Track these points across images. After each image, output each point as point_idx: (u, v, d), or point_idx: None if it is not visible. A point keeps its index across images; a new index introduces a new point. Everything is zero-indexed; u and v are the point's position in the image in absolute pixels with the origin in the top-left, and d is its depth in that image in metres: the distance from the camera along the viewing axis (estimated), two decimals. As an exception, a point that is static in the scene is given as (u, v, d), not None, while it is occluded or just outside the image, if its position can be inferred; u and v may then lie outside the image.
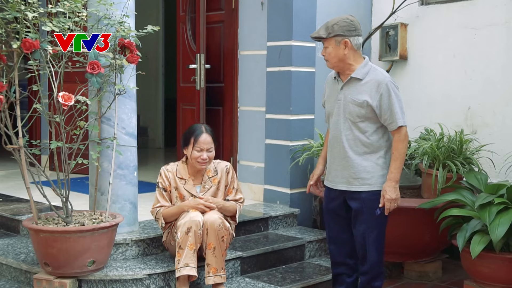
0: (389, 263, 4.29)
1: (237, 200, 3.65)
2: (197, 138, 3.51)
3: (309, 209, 4.84)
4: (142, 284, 3.42)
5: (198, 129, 3.56)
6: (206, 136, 3.53)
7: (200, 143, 3.50)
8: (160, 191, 3.57)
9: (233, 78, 5.11)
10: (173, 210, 3.50)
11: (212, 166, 3.65)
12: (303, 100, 4.76)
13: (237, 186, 3.69)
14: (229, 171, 3.66)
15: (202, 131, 3.54)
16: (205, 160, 3.51)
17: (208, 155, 3.53)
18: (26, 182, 3.29)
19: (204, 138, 3.52)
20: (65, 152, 3.29)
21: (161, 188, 3.57)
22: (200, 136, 3.52)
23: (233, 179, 3.66)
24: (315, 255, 4.33)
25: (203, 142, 3.51)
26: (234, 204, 3.62)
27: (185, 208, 3.45)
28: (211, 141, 3.55)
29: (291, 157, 4.69)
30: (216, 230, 3.35)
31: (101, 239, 3.30)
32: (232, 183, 3.65)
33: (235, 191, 3.66)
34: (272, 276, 3.87)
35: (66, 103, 3.07)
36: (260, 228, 4.42)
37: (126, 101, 3.68)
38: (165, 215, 3.50)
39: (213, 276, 3.39)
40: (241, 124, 5.09)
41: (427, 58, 4.86)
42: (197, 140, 3.51)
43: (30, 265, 3.50)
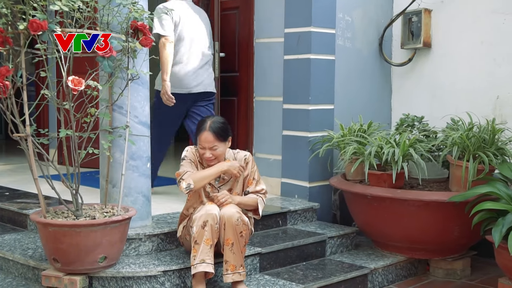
0: (415, 260, 4.09)
1: (258, 191, 3.44)
2: (198, 136, 3.32)
3: (329, 204, 4.63)
4: (157, 281, 3.22)
5: (201, 126, 3.33)
6: (207, 135, 3.28)
7: (201, 142, 3.29)
8: (187, 161, 3.33)
9: (248, 67, 4.90)
10: (208, 172, 3.25)
11: (231, 156, 3.43)
12: (323, 89, 4.55)
13: (257, 176, 3.47)
14: (248, 161, 3.44)
15: (204, 128, 3.29)
16: (209, 158, 3.29)
17: (213, 153, 3.29)
18: (33, 173, 3.09)
19: (205, 137, 3.28)
20: (74, 141, 3.09)
21: (189, 159, 3.34)
22: (201, 134, 3.30)
23: (253, 169, 3.44)
24: (336, 251, 4.11)
25: (203, 141, 3.29)
26: (254, 198, 3.40)
27: (223, 170, 3.26)
28: (213, 140, 3.28)
29: (310, 149, 4.48)
30: (234, 225, 3.15)
31: (113, 234, 3.11)
32: (252, 173, 3.44)
33: (255, 182, 3.44)
34: (292, 273, 3.66)
35: (76, 87, 2.87)
36: (278, 223, 4.21)
37: (139, 88, 3.48)
38: (196, 176, 3.23)
39: (231, 274, 3.18)
40: (257, 115, 4.89)
41: (453, 45, 4.63)
42: (199, 138, 3.31)
43: (38, 261, 3.31)
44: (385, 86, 5.05)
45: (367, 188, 3.96)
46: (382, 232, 4.05)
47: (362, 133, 4.31)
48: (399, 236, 3.96)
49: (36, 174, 3.08)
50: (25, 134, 3.02)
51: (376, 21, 4.92)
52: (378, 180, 3.93)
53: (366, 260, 3.95)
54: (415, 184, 4.14)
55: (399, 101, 5.03)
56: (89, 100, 3.14)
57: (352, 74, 4.79)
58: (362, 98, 4.87)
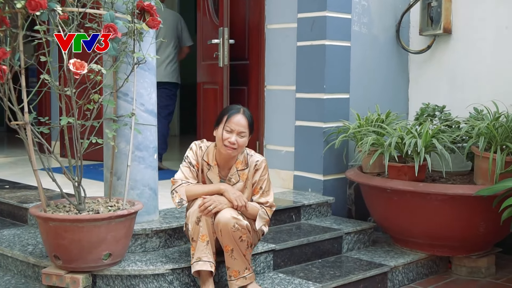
0: (436, 257, 3.87)
1: (262, 203, 3.08)
2: (230, 117, 3.03)
3: (344, 198, 4.41)
4: (165, 280, 3.01)
5: (235, 108, 3.09)
6: (241, 118, 3.04)
7: (232, 123, 3.03)
8: (187, 165, 3.09)
9: (259, 54, 4.68)
10: (202, 189, 3.01)
11: (244, 158, 3.14)
12: (338, 78, 4.32)
13: (266, 187, 3.10)
14: (258, 168, 3.12)
15: (238, 111, 3.06)
16: (233, 144, 3.02)
17: (238, 140, 3.03)
18: (33, 164, 2.88)
19: (238, 119, 3.04)
20: (76, 130, 2.88)
21: (189, 162, 3.10)
22: (234, 116, 3.04)
23: (262, 178, 3.10)
24: (353, 248, 3.90)
25: (235, 123, 3.03)
26: (255, 207, 3.06)
27: (221, 191, 2.99)
28: (246, 125, 3.04)
29: (325, 140, 4.26)
30: (231, 232, 2.89)
31: (118, 229, 2.90)
32: (261, 182, 3.10)
33: (261, 192, 3.09)
34: (308, 271, 3.44)
35: (78, 71, 2.65)
36: (291, 218, 4.00)
37: (145, 74, 3.27)
38: (189, 192, 3.01)
39: (235, 280, 2.96)
40: (268, 104, 4.66)
41: (475, 31, 4.40)
42: (230, 119, 3.03)
43: (38, 258, 3.11)
44: (402, 75, 4.82)
45: (386, 181, 3.73)
46: (401, 228, 3.83)
47: (380, 123, 4.08)
48: (420, 232, 3.74)
49: (35, 165, 2.87)
50: (24, 122, 2.81)
51: (393, 6, 4.69)
52: (399, 172, 3.71)
53: (385, 258, 3.73)
54: (436, 177, 3.91)
55: (416, 90, 4.80)
56: (92, 86, 2.93)
57: (368, 62, 4.56)
58: (378, 87, 4.64)
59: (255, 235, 3.11)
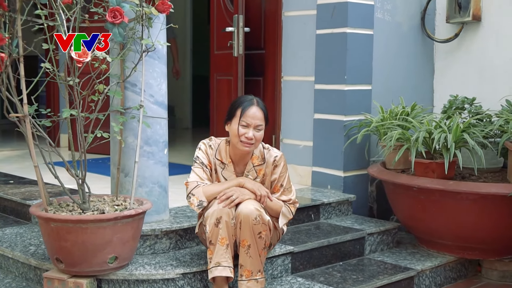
0: (465, 260, 3.62)
1: (284, 201, 2.90)
2: (245, 110, 2.80)
3: (365, 195, 4.16)
4: (175, 285, 2.79)
5: (247, 100, 2.85)
6: (256, 110, 2.81)
7: (247, 117, 2.79)
8: (199, 166, 2.86)
9: (276, 43, 4.43)
10: (221, 187, 2.79)
11: (260, 152, 2.92)
12: (360, 68, 4.07)
13: (287, 184, 2.92)
14: (277, 164, 2.91)
15: (252, 103, 2.82)
16: (250, 140, 2.79)
17: (255, 135, 2.80)
18: (33, 159, 2.67)
19: (254, 112, 2.80)
20: (80, 123, 2.66)
21: (201, 162, 2.87)
22: (249, 109, 2.80)
23: (282, 174, 2.90)
24: (376, 249, 3.66)
25: (251, 117, 2.79)
26: (279, 204, 2.88)
27: (241, 184, 2.79)
28: (262, 118, 2.82)
29: (345, 135, 4.01)
30: (251, 224, 2.68)
31: (125, 230, 2.68)
32: (281, 179, 2.91)
33: (282, 190, 2.90)
34: (329, 275, 3.21)
35: (81, 59, 2.43)
36: (310, 217, 3.76)
37: (155, 63, 3.04)
38: (208, 192, 2.78)
39: (246, 281, 2.74)
40: (285, 96, 4.42)
41: (506, 18, 4.11)
42: (245, 113, 2.80)
43: (40, 260, 2.90)
44: (427, 65, 4.55)
45: (413, 179, 3.48)
46: (428, 229, 3.58)
47: (405, 116, 3.83)
48: (449, 233, 3.49)
49: (35, 161, 2.66)
50: (23, 114, 2.60)
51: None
52: (426, 169, 3.46)
53: (411, 260, 3.49)
54: (466, 174, 3.66)
55: (442, 82, 4.53)
56: (97, 76, 2.71)
57: (391, 51, 4.30)
58: (401, 78, 4.38)
59: (274, 235, 2.89)
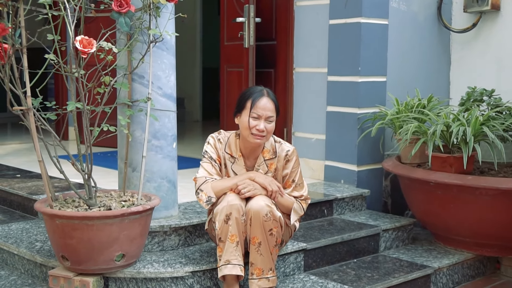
0: (483, 258, 3.50)
1: (296, 198, 2.80)
2: (255, 102, 2.70)
3: (379, 190, 4.05)
4: (184, 283, 2.70)
5: (257, 91, 2.74)
6: (267, 101, 2.71)
7: (258, 109, 2.69)
8: (207, 161, 2.77)
9: (287, 34, 4.31)
10: (230, 182, 2.69)
11: (271, 146, 2.82)
12: (374, 59, 3.94)
13: (299, 179, 2.82)
14: (289, 159, 2.80)
15: (263, 94, 2.72)
16: (261, 132, 2.69)
17: (266, 127, 2.70)
18: (37, 153, 2.58)
19: (264, 103, 2.70)
20: (86, 115, 2.57)
21: (210, 157, 2.77)
22: (260, 100, 2.70)
23: (294, 169, 2.80)
24: (391, 246, 3.55)
25: (262, 108, 2.69)
26: (290, 200, 2.78)
27: (251, 178, 2.68)
28: (273, 109, 2.72)
29: (359, 128, 3.89)
30: (262, 221, 2.58)
31: (133, 227, 2.59)
32: (293, 174, 2.81)
33: (294, 185, 2.81)
34: (343, 273, 3.11)
35: (86, 49, 2.33)
36: (323, 213, 3.66)
37: (163, 54, 2.94)
38: (216, 187, 2.69)
39: (257, 279, 2.64)
40: (297, 88, 4.31)
41: (527, 7, 3.98)
42: (255, 104, 2.69)
43: (46, 257, 2.82)
44: (443, 56, 4.41)
45: (430, 173, 3.37)
46: (445, 225, 3.47)
47: (422, 108, 3.71)
48: (467, 230, 3.38)
49: (39, 155, 2.57)
50: (26, 107, 2.51)
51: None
52: (443, 164, 3.34)
53: (428, 258, 3.38)
54: (485, 169, 3.53)
55: (459, 73, 4.39)
56: (103, 68, 2.61)
57: (406, 42, 4.17)
58: (417, 69, 4.25)
59: (286, 231, 2.79)
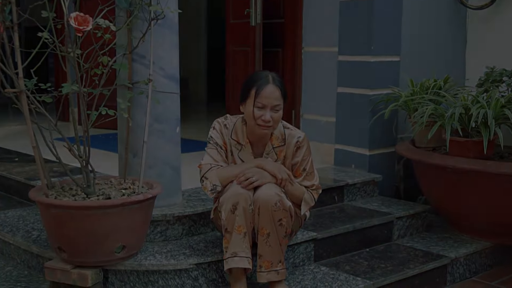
0: (502, 247, 3.35)
1: (307, 187, 2.64)
2: (259, 90, 2.51)
3: (391, 175, 3.88)
4: (188, 276, 2.56)
5: (262, 78, 2.55)
6: (272, 89, 2.52)
7: (263, 98, 2.50)
8: (213, 147, 2.61)
9: (296, 11, 4.13)
10: (237, 169, 2.53)
11: (280, 132, 2.64)
12: (387, 38, 3.76)
13: (310, 168, 2.66)
14: (300, 146, 2.64)
15: (267, 81, 2.53)
16: (267, 122, 2.52)
17: (273, 116, 2.52)
18: (31, 138, 2.44)
19: (270, 91, 2.51)
20: (83, 98, 2.40)
21: (215, 143, 2.61)
22: (265, 88, 2.51)
23: (305, 157, 2.64)
24: (405, 234, 3.39)
25: (267, 97, 2.50)
26: (301, 189, 2.62)
27: (260, 166, 2.52)
28: (279, 96, 2.53)
29: (371, 110, 3.72)
30: (271, 210, 2.42)
31: (133, 217, 2.44)
32: (304, 162, 2.64)
33: (305, 174, 2.64)
34: (355, 263, 2.96)
35: (81, 27, 2.16)
36: (333, 199, 3.50)
37: (165, 32, 2.76)
38: (222, 175, 2.53)
39: (266, 272, 2.49)
40: (306, 68, 4.12)
41: (550, -18, 3.77)
42: (260, 93, 2.50)
43: (43, 248, 2.69)
44: (459, 34, 4.21)
45: (447, 158, 3.20)
46: (462, 212, 3.31)
47: (437, 90, 3.53)
48: (485, 218, 3.22)
49: (33, 140, 2.43)
50: (18, 89, 2.34)
51: (452, -46, 4.07)
52: (462, 148, 3.17)
53: (444, 247, 3.22)
54: (505, 154, 3.36)
55: (475, 52, 4.20)
56: (101, 47, 2.44)
57: (421, 20, 3.97)
58: (432, 48, 4.05)
59: (296, 221, 2.63)
